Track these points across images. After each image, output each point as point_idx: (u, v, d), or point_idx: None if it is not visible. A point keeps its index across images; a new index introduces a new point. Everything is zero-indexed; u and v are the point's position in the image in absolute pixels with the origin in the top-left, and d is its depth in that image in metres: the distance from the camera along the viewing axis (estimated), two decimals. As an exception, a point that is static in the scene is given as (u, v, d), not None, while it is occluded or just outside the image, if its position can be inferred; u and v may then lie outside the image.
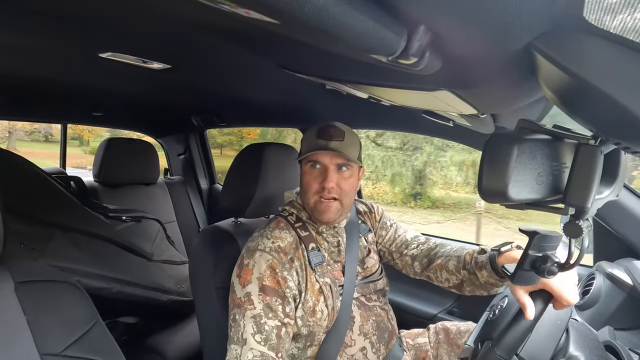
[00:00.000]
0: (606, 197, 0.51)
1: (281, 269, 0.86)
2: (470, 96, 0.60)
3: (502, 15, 0.32)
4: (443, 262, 0.98)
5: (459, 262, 0.95)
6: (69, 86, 1.36)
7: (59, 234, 1.30)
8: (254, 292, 0.83)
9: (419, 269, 1.04)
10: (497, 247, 0.87)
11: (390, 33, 0.36)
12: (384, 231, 1.12)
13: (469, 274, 0.91)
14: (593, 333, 0.82)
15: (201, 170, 2.60)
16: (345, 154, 0.90)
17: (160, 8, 0.56)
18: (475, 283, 0.91)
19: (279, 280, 0.85)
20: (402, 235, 1.11)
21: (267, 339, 0.80)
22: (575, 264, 0.57)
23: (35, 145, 13.87)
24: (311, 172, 0.93)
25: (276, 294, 0.84)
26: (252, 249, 0.89)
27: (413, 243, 1.08)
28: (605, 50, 0.32)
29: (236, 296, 0.85)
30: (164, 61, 0.92)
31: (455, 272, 0.95)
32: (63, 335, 0.74)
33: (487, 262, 0.87)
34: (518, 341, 0.65)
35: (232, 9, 0.32)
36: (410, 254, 1.06)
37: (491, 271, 0.85)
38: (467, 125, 0.97)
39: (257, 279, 0.84)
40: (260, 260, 0.86)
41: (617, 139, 0.38)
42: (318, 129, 0.93)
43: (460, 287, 0.96)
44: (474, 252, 0.92)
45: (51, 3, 0.58)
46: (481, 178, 0.43)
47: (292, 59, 0.75)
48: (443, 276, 0.98)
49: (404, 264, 1.07)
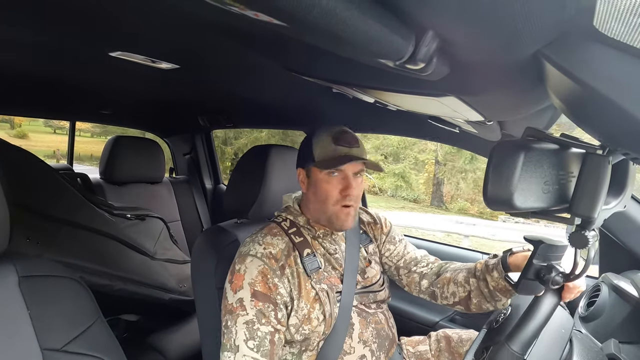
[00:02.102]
0: (613, 207, 0.50)
1: (272, 275, 0.85)
2: (477, 103, 0.59)
3: (511, 23, 0.32)
4: (452, 275, 0.98)
5: (468, 272, 0.95)
6: (78, 84, 1.38)
7: (64, 230, 1.31)
8: (246, 298, 0.82)
9: (425, 286, 1.03)
10: (508, 249, 0.88)
11: (398, 38, 0.36)
12: (392, 245, 1.10)
13: (479, 281, 0.91)
14: (597, 345, 0.81)
15: (206, 170, 2.62)
16: (369, 161, 0.91)
17: (170, 9, 0.56)
18: (483, 292, 0.90)
19: (270, 287, 0.84)
20: (411, 253, 1.10)
21: (260, 345, 0.79)
22: (580, 274, 0.56)
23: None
24: (330, 181, 0.91)
25: (268, 300, 0.83)
26: (243, 254, 0.88)
27: (423, 261, 1.08)
28: (615, 59, 0.31)
29: (228, 302, 0.84)
30: (173, 61, 0.93)
31: (464, 283, 0.94)
32: (64, 330, 0.74)
33: (498, 263, 0.88)
34: (532, 336, 0.64)
35: (241, 11, 0.32)
36: (419, 272, 1.05)
37: (502, 271, 0.86)
38: (474, 132, 0.97)
39: (249, 284, 0.83)
40: (251, 266, 0.85)
41: (625, 150, 0.38)
42: (333, 135, 0.91)
43: (467, 301, 0.95)
44: (485, 260, 0.93)
45: (62, 1, 0.59)
46: (486, 185, 0.42)
47: (300, 61, 0.76)
48: (450, 290, 0.97)
49: (410, 281, 1.06)
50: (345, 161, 0.89)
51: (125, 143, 1.99)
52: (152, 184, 2.18)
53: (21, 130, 14.77)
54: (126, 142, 1.99)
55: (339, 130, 0.93)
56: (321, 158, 0.92)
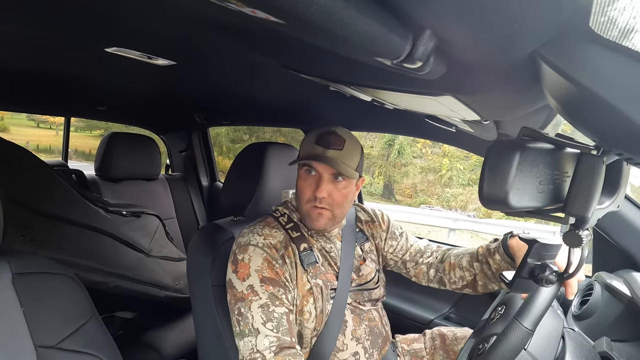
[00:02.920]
0: (607, 207, 0.50)
1: (276, 263, 0.87)
2: (474, 102, 0.60)
3: (509, 23, 0.32)
4: (455, 261, 1.01)
5: (471, 257, 0.99)
6: (73, 80, 1.36)
7: (58, 227, 1.30)
8: (256, 284, 0.83)
9: (433, 275, 1.05)
10: (509, 232, 0.92)
11: (396, 37, 0.36)
12: (394, 241, 1.11)
13: (482, 265, 0.95)
14: (590, 343, 0.82)
15: (202, 168, 2.61)
16: (340, 165, 0.87)
17: (167, 4, 0.56)
18: (487, 274, 0.94)
19: (277, 272, 0.86)
20: (415, 245, 1.11)
21: (278, 325, 0.80)
22: (574, 273, 0.57)
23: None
24: (305, 178, 0.92)
25: (277, 284, 0.84)
26: (243, 244, 0.89)
27: (427, 251, 1.09)
28: (610, 60, 0.31)
29: (237, 291, 0.84)
30: (169, 58, 0.93)
31: (469, 267, 0.98)
32: (59, 328, 0.74)
33: (499, 246, 0.91)
34: (540, 314, 0.66)
35: (238, 8, 0.32)
36: (426, 262, 1.07)
37: (503, 254, 0.89)
38: (470, 131, 0.97)
39: (256, 271, 0.84)
40: (255, 255, 0.86)
41: (619, 150, 0.38)
42: (318, 135, 0.91)
43: (474, 284, 0.98)
44: (487, 245, 0.97)
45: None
46: (482, 184, 0.43)
47: (297, 59, 0.75)
48: (457, 274, 1.00)
49: (418, 272, 1.08)
50: (311, 159, 0.88)
51: (121, 139, 1.98)
52: (147, 180, 2.17)
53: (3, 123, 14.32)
54: (122, 139, 1.98)
55: (326, 130, 0.91)
56: (301, 155, 0.93)
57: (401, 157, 10.52)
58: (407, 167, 10.52)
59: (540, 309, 0.66)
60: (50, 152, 12.45)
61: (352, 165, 0.90)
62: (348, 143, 0.90)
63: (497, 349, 0.65)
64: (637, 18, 0.29)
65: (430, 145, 10.30)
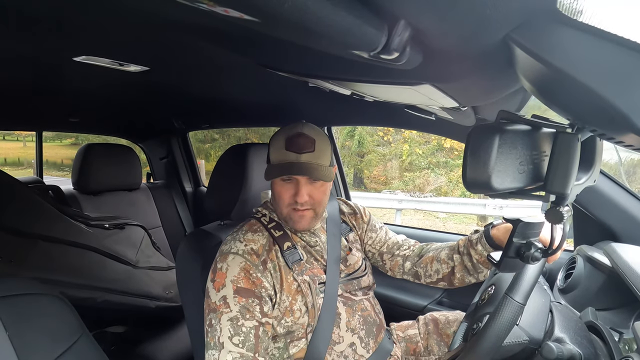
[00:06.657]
0: (584, 182, 0.52)
1: (255, 271, 0.86)
2: (451, 89, 0.61)
3: (480, 8, 0.33)
4: (434, 254, 1.03)
5: (451, 250, 1.00)
6: (42, 92, 1.31)
7: (39, 246, 1.26)
8: (229, 295, 0.82)
9: (408, 267, 1.07)
10: (489, 223, 0.93)
11: (371, 28, 0.36)
12: (373, 233, 1.13)
13: (462, 256, 0.96)
14: (576, 315, 0.85)
15: (185, 174, 2.56)
16: (317, 170, 0.87)
17: (135, 9, 0.54)
18: (467, 266, 0.95)
19: (254, 281, 0.85)
20: (392, 238, 1.14)
21: (245, 341, 0.79)
22: (558, 248, 0.59)
23: None
24: (283, 184, 0.91)
25: (252, 295, 0.83)
26: (225, 252, 0.89)
27: (404, 245, 1.12)
28: (578, 40, 0.32)
29: (211, 301, 0.83)
30: (142, 63, 0.90)
31: (447, 260, 0.99)
32: (48, 349, 0.72)
33: (481, 237, 0.92)
34: (530, 288, 0.69)
35: (210, 8, 0.31)
36: (402, 255, 1.09)
37: (485, 244, 0.91)
38: (449, 119, 0.99)
39: (232, 282, 0.84)
40: (233, 264, 0.86)
41: (593, 127, 0.40)
42: (287, 138, 0.89)
43: (451, 277, 0.99)
44: (468, 236, 0.98)
45: (19, 5, 0.56)
46: (465, 170, 0.43)
47: (273, 57, 0.75)
48: (433, 268, 1.01)
49: (394, 264, 1.10)
50: (287, 171, 0.87)
51: (98, 150, 1.92)
52: (129, 191, 2.12)
53: None
54: (99, 150, 1.92)
55: (294, 133, 0.89)
56: (272, 161, 0.91)
57: (362, 146, 10.65)
58: (370, 155, 10.67)
59: (530, 283, 0.69)
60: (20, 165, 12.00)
61: (326, 162, 0.90)
62: (318, 141, 0.89)
63: (492, 325, 0.67)
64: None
65: (393, 132, 10.43)
